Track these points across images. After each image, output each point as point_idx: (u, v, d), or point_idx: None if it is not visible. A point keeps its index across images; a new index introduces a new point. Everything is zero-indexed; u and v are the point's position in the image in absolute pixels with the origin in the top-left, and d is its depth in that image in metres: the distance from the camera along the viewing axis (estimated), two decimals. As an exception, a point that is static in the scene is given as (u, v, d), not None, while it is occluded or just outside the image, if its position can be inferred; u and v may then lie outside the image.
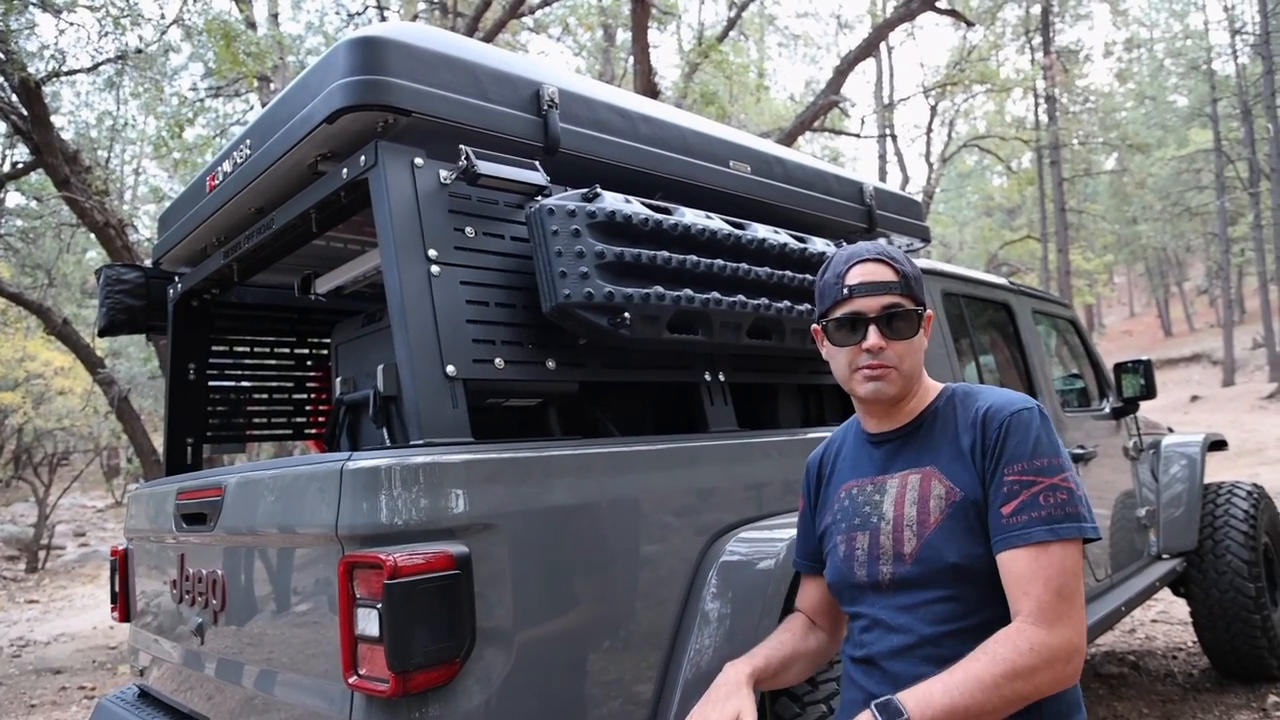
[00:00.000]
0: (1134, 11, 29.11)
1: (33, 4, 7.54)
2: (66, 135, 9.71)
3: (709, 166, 2.37)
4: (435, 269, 1.70)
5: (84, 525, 19.45)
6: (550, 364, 1.83)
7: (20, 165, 8.92)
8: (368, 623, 1.42)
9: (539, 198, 1.85)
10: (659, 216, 1.95)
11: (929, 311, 1.42)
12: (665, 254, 1.92)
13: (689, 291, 1.94)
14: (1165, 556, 4.01)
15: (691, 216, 2.06)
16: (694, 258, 1.99)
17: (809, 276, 2.28)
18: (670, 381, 2.12)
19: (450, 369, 1.64)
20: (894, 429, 1.43)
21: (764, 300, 2.13)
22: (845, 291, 1.37)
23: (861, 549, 1.38)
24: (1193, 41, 26.11)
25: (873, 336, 1.34)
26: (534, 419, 2.07)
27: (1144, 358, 3.92)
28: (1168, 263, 34.16)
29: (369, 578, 1.42)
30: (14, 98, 7.30)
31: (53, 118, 8.27)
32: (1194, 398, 21.30)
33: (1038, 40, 22.13)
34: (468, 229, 1.80)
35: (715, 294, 2.01)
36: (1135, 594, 3.47)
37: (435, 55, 1.81)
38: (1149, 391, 3.85)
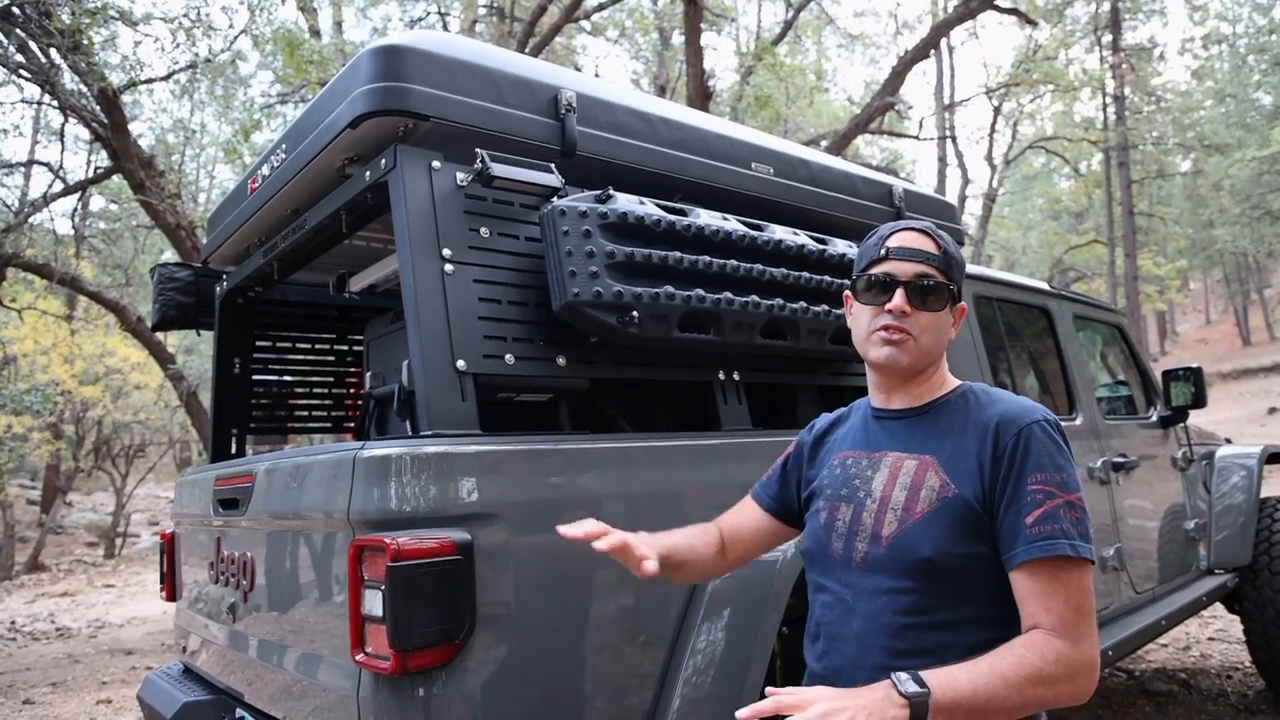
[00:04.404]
0: (1214, 6, 27.97)
1: (113, 17, 7.95)
2: (144, 141, 10.22)
3: (730, 168, 2.39)
4: (449, 268, 1.77)
5: (158, 514, 20.34)
6: (561, 360, 1.89)
7: (100, 170, 9.41)
8: (373, 603, 1.49)
9: (553, 199, 1.91)
10: (672, 218, 1.99)
11: (962, 304, 1.41)
12: (676, 254, 1.96)
13: (699, 291, 1.97)
14: (1217, 571, 3.87)
15: (706, 218, 2.09)
16: (706, 258, 2.02)
17: (827, 278, 2.29)
18: (684, 380, 2.15)
19: (460, 364, 1.71)
20: (902, 408, 1.40)
21: (779, 301, 2.15)
22: (883, 252, 1.37)
23: (843, 521, 1.37)
24: (1278, 36, 24.91)
25: (898, 298, 1.33)
26: (551, 414, 2.13)
27: (1193, 365, 3.79)
28: (1247, 268, 32.65)
29: (375, 560, 1.49)
30: (95, 106, 7.71)
31: (132, 124, 8.70)
32: (1272, 409, 20.28)
33: (1107, 38, 21.42)
34: (483, 229, 1.87)
35: (727, 294, 2.04)
36: (1178, 608, 3.37)
37: (455, 62, 1.89)
38: (1198, 400, 3.73)
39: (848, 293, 1.44)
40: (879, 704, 1.07)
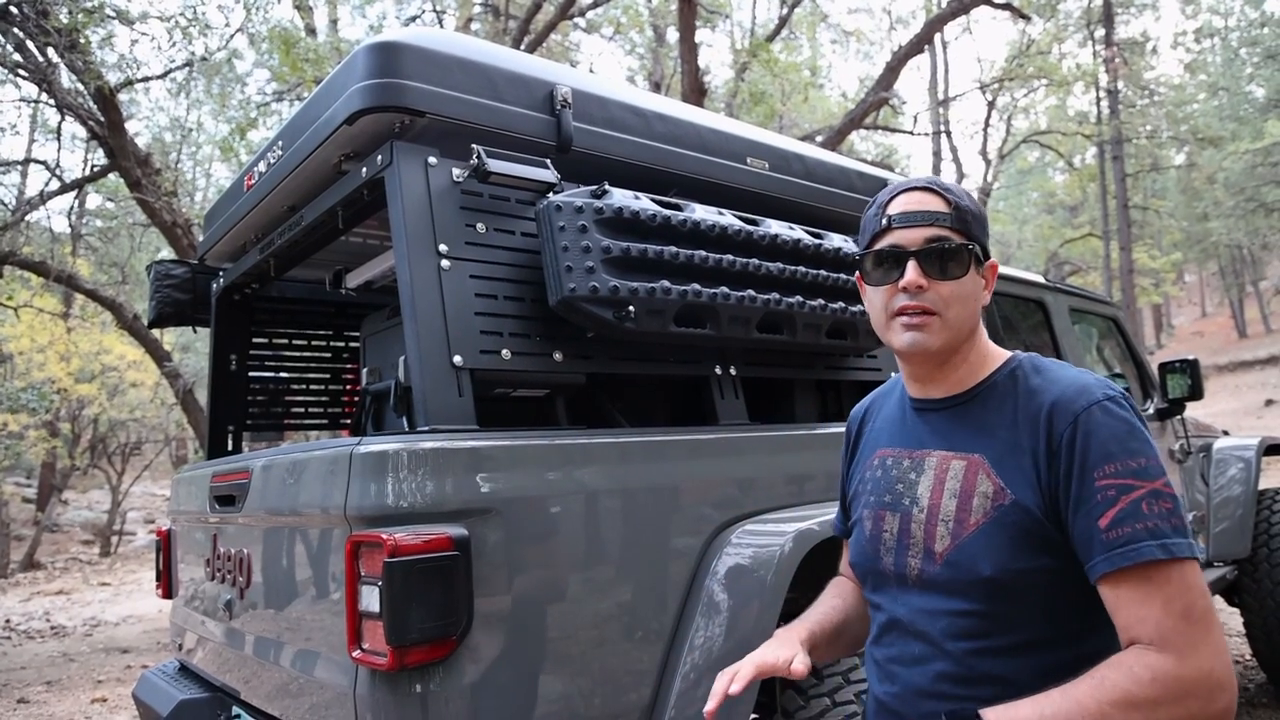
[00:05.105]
0: (1206, 0, 28.05)
1: (110, 16, 7.91)
2: (141, 140, 10.19)
3: (725, 163, 2.39)
4: (445, 263, 1.77)
5: (154, 513, 20.30)
6: (557, 356, 1.89)
7: (97, 169, 9.38)
8: (370, 599, 1.49)
9: (549, 194, 1.90)
10: (667, 213, 1.99)
11: (993, 260, 1.23)
12: (672, 249, 1.96)
13: (695, 286, 1.97)
14: (1215, 564, 3.88)
15: (702, 212, 2.09)
16: (702, 253, 2.02)
17: (823, 272, 2.30)
18: (680, 375, 2.15)
19: (457, 359, 1.71)
20: (941, 397, 1.23)
21: (775, 295, 2.15)
22: (885, 222, 1.19)
23: (890, 533, 1.22)
24: (1269, 29, 24.97)
25: (911, 272, 1.15)
26: (548, 409, 2.13)
27: (1190, 356, 3.80)
28: (1242, 261, 32.74)
29: (372, 556, 1.49)
30: (92, 105, 7.68)
31: (128, 123, 8.68)
32: (1269, 401, 20.34)
33: (1100, 33, 21.45)
34: (479, 225, 1.87)
35: (723, 289, 2.04)
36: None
37: (450, 58, 1.88)
38: (1195, 392, 3.74)
39: (859, 274, 1.27)
40: None
